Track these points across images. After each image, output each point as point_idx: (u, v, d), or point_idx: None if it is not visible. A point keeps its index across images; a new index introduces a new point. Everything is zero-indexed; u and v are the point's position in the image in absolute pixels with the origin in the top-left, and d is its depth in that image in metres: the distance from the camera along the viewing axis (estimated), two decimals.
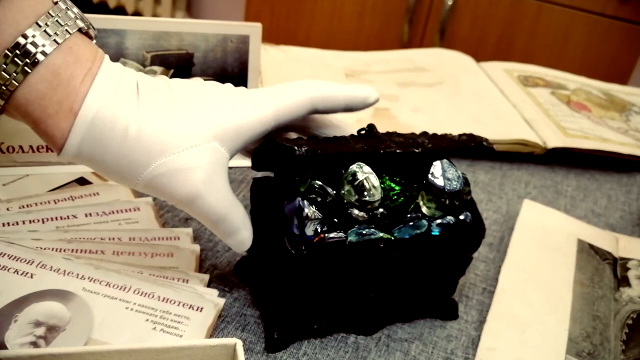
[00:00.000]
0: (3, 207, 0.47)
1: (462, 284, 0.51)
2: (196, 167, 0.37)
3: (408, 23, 1.81)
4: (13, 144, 0.51)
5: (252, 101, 0.39)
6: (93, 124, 0.35)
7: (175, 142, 0.36)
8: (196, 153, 0.37)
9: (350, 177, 0.39)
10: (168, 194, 0.37)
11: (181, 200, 0.38)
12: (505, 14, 1.75)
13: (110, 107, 0.35)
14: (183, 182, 0.37)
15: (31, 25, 0.33)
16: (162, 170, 0.36)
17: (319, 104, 0.40)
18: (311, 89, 0.40)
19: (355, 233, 0.39)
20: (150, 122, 0.36)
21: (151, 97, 0.37)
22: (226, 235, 0.40)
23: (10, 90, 0.34)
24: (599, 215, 0.66)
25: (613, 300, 0.52)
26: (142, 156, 0.36)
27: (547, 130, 0.75)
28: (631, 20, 1.65)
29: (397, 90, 0.79)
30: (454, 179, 0.41)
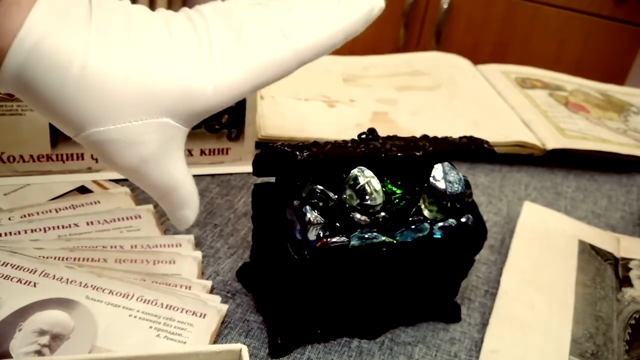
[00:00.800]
0: (5, 216, 0.47)
1: (465, 287, 0.51)
2: (140, 144, 0.33)
3: (404, 27, 1.82)
4: (14, 153, 0.51)
5: (224, 59, 0.33)
6: (38, 42, 0.30)
7: (118, 109, 0.31)
8: (142, 128, 0.32)
9: (352, 181, 0.39)
10: (107, 160, 0.33)
11: (121, 170, 0.34)
12: (501, 17, 1.75)
13: (51, 40, 0.30)
14: (123, 156, 0.33)
15: None
16: (100, 138, 0.32)
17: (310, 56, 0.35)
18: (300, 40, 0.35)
19: (358, 237, 0.39)
20: (96, 65, 0.31)
21: (103, 32, 0.31)
22: (169, 210, 0.37)
23: None
24: (600, 216, 0.66)
25: (615, 301, 0.52)
26: (81, 111, 0.31)
27: (546, 132, 0.75)
28: (627, 20, 1.66)
29: (396, 94, 0.79)
30: (455, 182, 0.41)
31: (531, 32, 1.74)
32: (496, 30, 1.77)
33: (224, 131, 0.58)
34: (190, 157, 0.58)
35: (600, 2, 1.66)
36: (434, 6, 1.79)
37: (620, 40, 1.68)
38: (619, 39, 1.68)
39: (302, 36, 0.35)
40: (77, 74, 0.30)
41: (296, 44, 0.35)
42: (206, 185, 0.57)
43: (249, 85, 0.34)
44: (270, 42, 0.34)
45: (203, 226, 0.52)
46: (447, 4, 1.76)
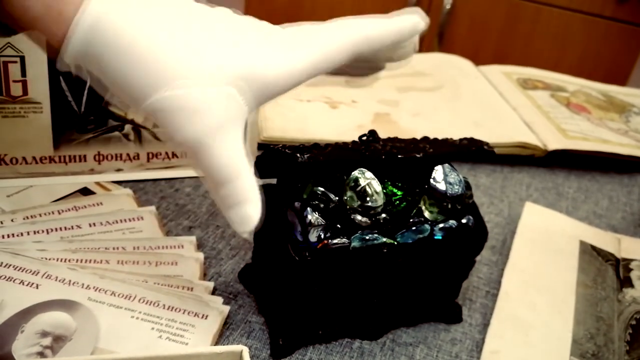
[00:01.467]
0: (7, 218, 0.48)
1: (466, 287, 0.51)
2: (207, 111, 0.31)
3: None
4: (16, 155, 0.51)
5: (284, 47, 0.33)
6: (91, 36, 0.30)
7: (185, 74, 0.31)
8: (209, 94, 0.31)
9: (353, 183, 0.39)
10: (170, 132, 0.32)
11: (183, 144, 0.32)
12: (503, 17, 1.75)
13: (113, 15, 0.30)
14: (188, 123, 0.31)
15: None
16: (164, 105, 0.31)
17: (364, 47, 0.35)
18: (353, 31, 0.35)
19: (359, 239, 0.39)
20: (160, 41, 0.31)
21: (165, 10, 0.32)
22: (229, 205, 0.34)
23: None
24: (601, 216, 0.66)
25: (616, 301, 0.52)
26: (146, 81, 0.31)
27: (547, 133, 0.75)
28: (629, 21, 1.66)
29: (397, 95, 0.79)
30: (455, 183, 0.42)
31: (533, 33, 1.74)
32: (498, 31, 1.77)
33: None
34: None
35: (601, 3, 1.65)
36: (436, 7, 1.79)
37: (622, 41, 1.68)
38: (620, 40, 1.68)
39: (355, 28, 0.36)
40: (141, 48, 0.30)
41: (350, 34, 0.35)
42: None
43: (307, 72, 0.34)
44: (326, 33, 0.35)
45: (205, 227, 0.52)
46: (449, 5, 1.76)
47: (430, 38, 1.83)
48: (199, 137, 0.32)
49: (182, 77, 0.31)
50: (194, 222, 0.53)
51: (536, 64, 1.79)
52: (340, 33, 0.35)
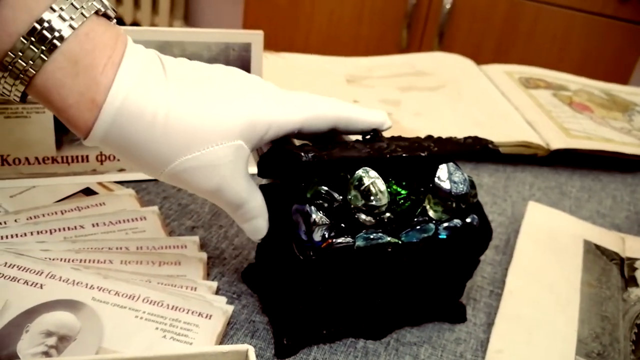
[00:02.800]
0: (11, 218, 0.47)
1: (470, 287, 0.51)
2: (221, 165, 0.37)
3: (406, 28, 1.82)
4: (19, 156, 0.51)
5: (284, 101, 0.39)
6: (118, 115, 0.34)
7: (202, 138, 0.36)
8: (222, 152, 0.37)
9: (357, 182, 0.39)
10: (191, 187, 0.38)
11: (203, 193, 0.38)
12: (504, 16, 1.75)
13: (135, 97, 0.34)
14: (207, 178, 0.37)
15: (45, 9, 0.32)
16: (186, 166, 0.36)
17: (342, 124, 0.41)
18: (339, 107, 0.41)
19: (363, 238, 0.39)
20: (178, 111, 0.35)
21: (179, 82, 0.36)
22: (243, 221, 0.41)
23: (29, 76, 0.33)
24: (605, 215, 0.66)
25: (621, 301, 0.52)
26: (168, 149, 0.36)
27: (550, 132, 0.75)
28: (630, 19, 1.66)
29: (399, 95, 0.79)
30: (460, 182, 0.41)
31: (534, 32, 1.74)
32: (499, 30, 1.77)
33: None
34: None
35: (602, 1, 1.65)
36: (436, 7, 1.79)
37: (623, 40, 1.68)
38: (622, 38, 1.68)
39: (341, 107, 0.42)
40: (162, 121, 0.35)
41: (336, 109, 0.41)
42: None
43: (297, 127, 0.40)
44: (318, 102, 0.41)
45: (208, 227, 0.52)
46: (449, 5, 1.76)
47: (430, 37, 1.83)
48: (218, 186, 0.38)
49: (199, 140, 0.36)
50: (197, 222, 0.53)
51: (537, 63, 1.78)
52: (329, 106, 0.41)
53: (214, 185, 0.38)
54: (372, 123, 0.42)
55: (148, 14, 2.64)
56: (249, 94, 0.38)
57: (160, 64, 0.36)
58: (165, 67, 0.36)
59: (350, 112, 0.41)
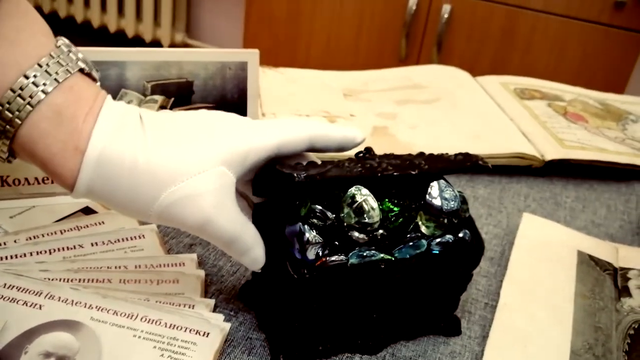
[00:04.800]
0: (11, 239, 0.48)
1: (464, 300, 0.52)
2: (205, 192, 0.37)
3: (405, 38, 1.83)
4: (19, 176, 0.52)
5: (257, 129, 0.40)
6: (100, 162, 0.36)
7: (183, 170, 0.37)
8: (204, 179, 0.37)
9: (349, 199, 0.40)
10: (180, 221, 0.38)
11: (193, 226, 0.38)
12: (501, 25, 1.76)
13: (116, 144, 0.36)
14: (193, 208, 0.37)
15: (32, 65, 0.35)
16: (172, 199, 0.37)
17: (318, 141, 0.42)
18: (312, 126, 0.42)
19: (356, 255, 0.40)
20: (157, 153, 0.37)
21: (157, 130, 0.38)
22: (239, 254, 0.41)
23: (14, 127, 0.35)
24: (599, 225, 0.67)
25: (614, 311, 0.52)
26: (152, 187, 0.37)
27: (545, 143, 0.76)
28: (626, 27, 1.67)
29: (396, 108, 0.80)
30: (451, 199, 0.42)
31: (531, 40, 1.75)
32: (497, 39, 1.78)
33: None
34: None
35: (598, 9, 1.67)
36: (434, 17, 1.81)
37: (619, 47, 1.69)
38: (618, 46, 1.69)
39: (314, 126, 0.43)
40: (143, 162, 0.36)
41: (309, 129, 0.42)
42: None
43: (275, 150, 0.41)
44: (293, 124, 0.42)
45: (206, 245, 0.53)
46: (447, 15, 1.78)
47: (429, 47, 1.84)
48: (207, 216, 0.38)
49: (181, 172, 0.37)
50: (195, 239, 0.53)
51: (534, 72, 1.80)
52: (302, 127, 0.42)
53: (203, 216, 0.38)
54: (344, 137, 0.43)
55: (150, 27, 2.66)
56: (226, 128, 0.40)
57: (138, 115, 0.38)
58: (143, 118, 0.38)
59: (324, 129, 0.43)
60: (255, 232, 0.41)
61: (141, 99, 0.55)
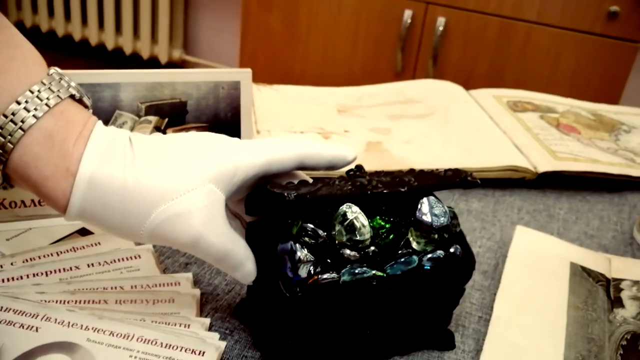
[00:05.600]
0: (7, 262, 0.49)
1: (458, 314, 0.52)
2: (195, 210, 0.38)
3: (401, 51, 1.85)
4: (15, 199, 0.53)
5: (245, 147, 0.41)
6: (91, 183, 0.37)
7: (172, 189, 0.38)
8: (194, 196, 0.38)
9: (340, 217, 0.40)
10: (171, 240, 0.39)
11: (185, 244, 0.39)
12: (496, 37, 1.78)
13: (106, 166, 0.37)
14: (184, 225, 0.38)
15: (24, 92, 0.36)
16: (162, 218, 0.38)
17: (308, 160, 0.43)
18: (301, 145, 0.43)
19: (348, 273, 0.40)
20: (146, 174, 0.38)
21: (146, 152, 0.39)
22: (231, 269, 0.42)
23: (7, 151, 0.36)
24: (592, 236, 0.67)
25: (607, 322, 0.53)
26: (142, 207, 0.37)
27: (538, 155, 0.77)
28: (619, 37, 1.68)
29: (389, 123, 0.80)
30: (441, 215, 0.43)
31: (526, 51, 1.76)
32: (491, 50, 1.79)
33: None
34: None
35: (591, 19, 1.68)
36: (429, 29, 1.82)
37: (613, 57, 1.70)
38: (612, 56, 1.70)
39: (303, 145, 0.44)
40: (132, 183, 0.37)
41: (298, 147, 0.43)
42: None
43: (264, 167, 0.41)
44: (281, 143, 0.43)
45: (201, 263, 0.54)
46: (442, 27, 1.79)
47: (424, 60, 1.85)
48: (198, 234, 0.39)
49: (169, 192, 0.38)
50: (190, 258, 0.54)
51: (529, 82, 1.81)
52: (291, 145, 0.43)
53: (194, 233, 0.38)
54: (335, 156, 0.44)
55: (147, 44, 2.68)
56: (214, 147, 0.40)
57: (127, 138, 0.39)
58: (133, 141, 0.39)
59: (314, 148, 0.43)
60: (245, 247, 0.42)
61: (135, 119, 0.55)
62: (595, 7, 1.67)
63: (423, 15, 1.81)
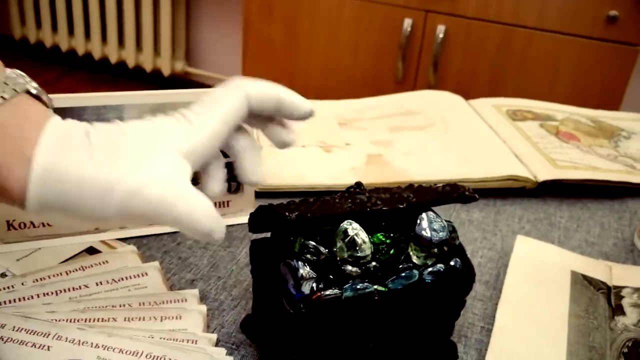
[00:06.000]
0: (18, 282, 0.50)
1: (461, 324, 0.53)
2: (156, 181, 0.38)
3: (402, 59, 1.86)
4: (24, 220, 0.54)
5: (196, 118, 0.41)
6: (47, 170, 0.36)
7: (132, 167, 0.38)
8: (154, 169, 0.38)
9: (342, 234, 0.41)
10: (140, 214, 0.38)
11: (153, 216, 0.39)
12: (496, 43, 1.79)
13: (62, 153, 0.37)
14: (148, 197, 0.38)
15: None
16: (125, 194, 0.37)
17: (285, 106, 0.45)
18: (281, 90, 0.45)
19: (350, 288, 0.41)
20: (104, 159, 0.37)
21: (103, 139, 0.38)
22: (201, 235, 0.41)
23: None
24: (593, 244, 0.68)
25: (608, 330, 0.54)
26: (103, 190, 0.37)
27: (537, 164, 0.77)
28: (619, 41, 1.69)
29: (390, 135, 0.81)
30: (440, 229, 0.44)
31: (526, 57, 1.77)
32: (492, 57, 1.80)
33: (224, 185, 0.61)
34: None
35: (591, 24, 1.69)
36: (429, 38, 1.83)
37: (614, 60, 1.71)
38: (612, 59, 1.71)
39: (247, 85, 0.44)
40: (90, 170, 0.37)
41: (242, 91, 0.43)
42: None
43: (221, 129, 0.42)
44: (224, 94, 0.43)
45: (207, 279, 0.55)
46: (442, 35, 1.80)
47: (425, 68, 1.86)
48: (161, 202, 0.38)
49: (129, 169, 0.38)
50: (197, 274, 0.55)
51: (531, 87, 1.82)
52: (237, 92, 0.43)
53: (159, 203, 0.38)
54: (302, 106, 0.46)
55: (150, 57, 2.70)
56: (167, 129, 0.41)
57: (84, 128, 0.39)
58: (90, 130, 0.39)
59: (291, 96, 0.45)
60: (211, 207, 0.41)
61: None
62: (594, 11, 1.68)
63: (423, 24, 1.82)
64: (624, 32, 1.68)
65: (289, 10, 1.94)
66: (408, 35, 1.84)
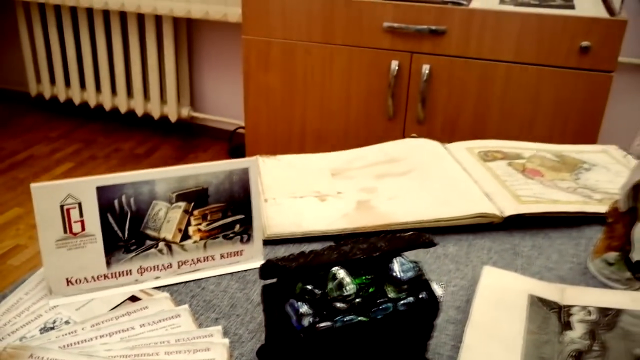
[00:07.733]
0: (79, 327, 0.63)
1: (435, 344, 0.65)
2: None
3: (391, 97, 2.00)
4: (79, 276, 0.67)
5: None
6: None
7: None
8: None
9: (331, 278, 0.54)
10: None
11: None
12: (478, 78, 1.92)
13: None
14: None
15: None
16: None
17: None
18: None
19: (340, 320, 0.54)
20: None
21: None
22: None
23: None
24: (551, 269, 0.80)
25: (557, 343, 0.66)
26: None
27: (504, 200, 0.90)
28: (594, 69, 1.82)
29: (375, 182, 0.94)
30: (408, 270, 0.56)
31: (507, 89, 1.91)
32: (475, 91, 1.94)
33: (237, 237, 0.74)
34: (213, 261, 0.73)
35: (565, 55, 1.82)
36: (415, 76, 1.97)
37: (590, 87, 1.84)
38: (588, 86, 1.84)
39: None
40: None
41: None
42: (227, 283, 0.73)
43: None
44: None
45: (228, 317, 0.67)
46: (427, 72, 1.94)
47: (414, 104, 2.00)
48: None
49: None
50: (219, 313, 0.68)
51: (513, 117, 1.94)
52: None
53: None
54: None
55: (157, 105, 2.85)
56: None
57: None
58: None
59: None
60: None
61: (168, 206, 0.70)
62: (567, 43, 1.81)
63: (409, 64, 1.96)
64: (596, 60, 1.81)
65: (285, 60, 2.09)
66: (395, 76, 1.98)
